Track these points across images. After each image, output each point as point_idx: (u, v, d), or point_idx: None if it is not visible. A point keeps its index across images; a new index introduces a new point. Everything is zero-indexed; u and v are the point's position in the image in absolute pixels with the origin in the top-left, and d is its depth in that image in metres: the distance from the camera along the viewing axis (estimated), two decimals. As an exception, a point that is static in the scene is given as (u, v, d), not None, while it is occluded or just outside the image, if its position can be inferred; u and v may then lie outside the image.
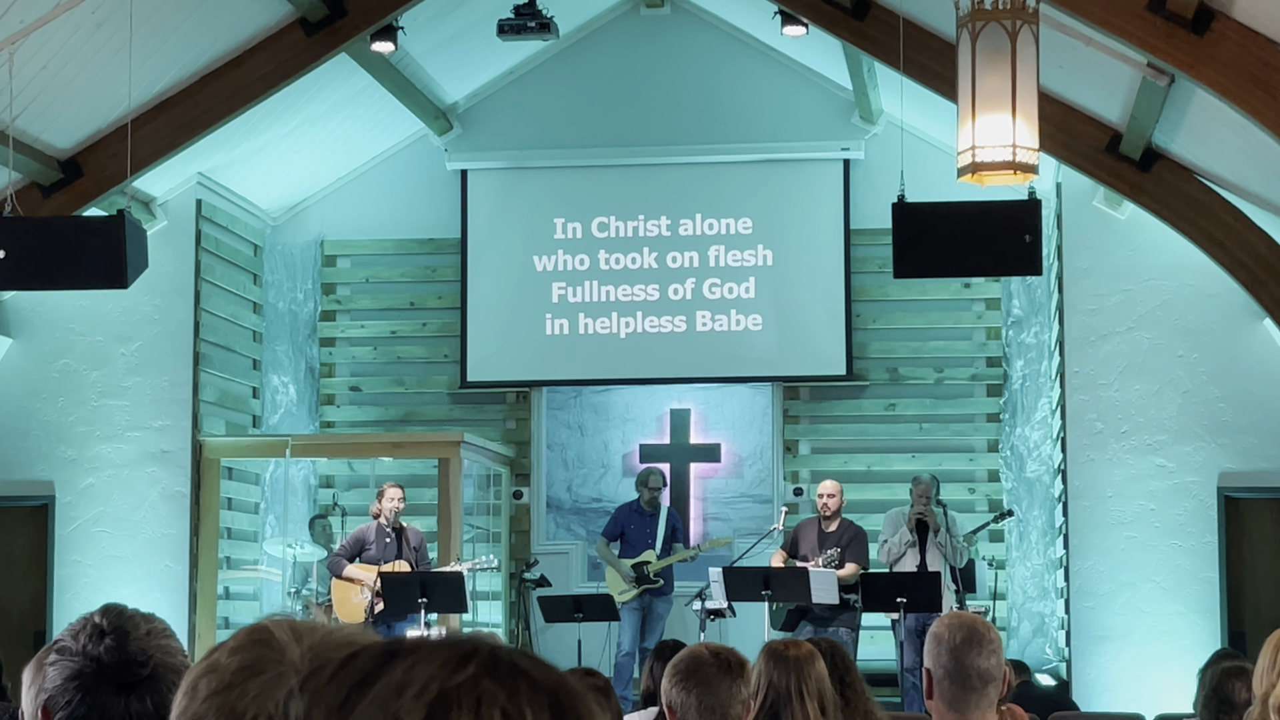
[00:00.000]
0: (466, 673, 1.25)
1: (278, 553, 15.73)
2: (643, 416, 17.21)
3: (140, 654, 2.84)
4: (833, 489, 14.45)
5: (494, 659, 1.27)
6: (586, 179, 16.97)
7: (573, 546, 17.06)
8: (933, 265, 12.11)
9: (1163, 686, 13.84)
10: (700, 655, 4.88)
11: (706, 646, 4.96)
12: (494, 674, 1.25)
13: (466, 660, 1.26)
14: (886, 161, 15.03)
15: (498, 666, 1.26)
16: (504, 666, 1.26)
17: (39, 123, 13.36)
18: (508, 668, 1.26)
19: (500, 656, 1.27)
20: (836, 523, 14.36)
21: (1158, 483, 14.80)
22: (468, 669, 1.25)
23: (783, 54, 16.66)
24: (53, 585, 15.31)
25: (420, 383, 17.36)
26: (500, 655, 1.28)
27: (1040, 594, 16.25)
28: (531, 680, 1.26)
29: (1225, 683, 7.05)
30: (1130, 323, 14.93)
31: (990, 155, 10.00)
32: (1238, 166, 13.30)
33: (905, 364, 16.76)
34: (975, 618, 4.62)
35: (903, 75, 13.05)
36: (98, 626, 2.86)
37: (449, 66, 16.34)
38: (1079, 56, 12.50)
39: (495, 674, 1.25)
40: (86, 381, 15.48)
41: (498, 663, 1.26)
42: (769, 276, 16.68)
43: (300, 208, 17.33)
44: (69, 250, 12.09)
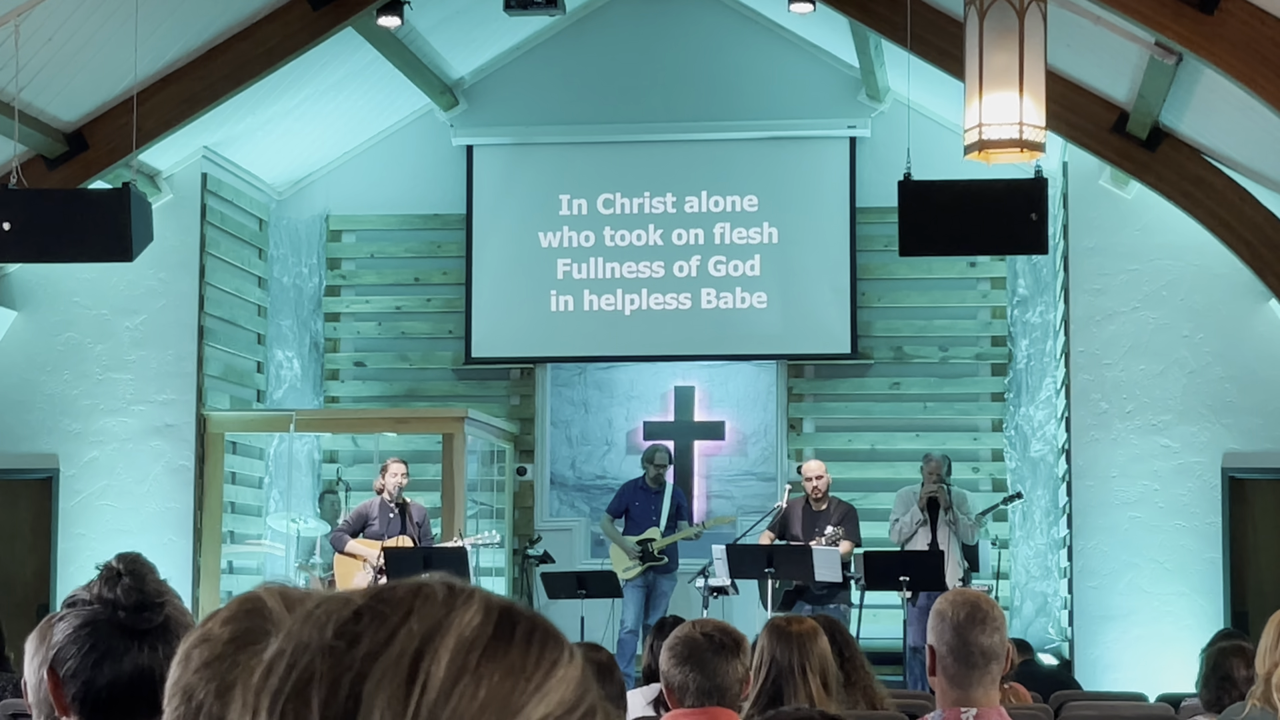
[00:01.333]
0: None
1: (281, 527, 15.74)
2: (647, 394, 17.21)
3: (156, 595, 2.82)
4: (819, 469, 14.43)
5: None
6: (592, 155, 16.95)
7: (576, 523, 17.07)
8: (938, 244, 12.10)
9: (1165, 666, 13.85)
10: (692, 636, 4.88)
11: (699, 626, 4.96)
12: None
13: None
14: (893, 139, 15.01)
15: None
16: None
17: (44, 95, 13.35)
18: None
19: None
20: (826, 501, 14.34)
21: (1162, 463, 14.80)
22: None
23: (790, 31, 16.63)
24: (56, 558, 15.33)
25: (425, 358, 17.36)
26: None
27: (1043, 573, 16.25)
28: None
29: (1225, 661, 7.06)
30: (1136, 302, 14.91)
31: (997, 133, 9.99)
32: (1245, 146, 13.28)
33: (910, 342, 16.74)
34: (979, 594, 4.62)
35: (910, 53, 13.02)
36: (114, 569, 2.83)
37: (455, 42, 16.32)
38: (1086, 35, 12.48)
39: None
40: (91, 355, 15.48)
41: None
42: (774, 254, 16.66)
43: (305, 182, 17.32)
44: (74, 223, 12.08)
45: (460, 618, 1.18)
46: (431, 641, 1.16)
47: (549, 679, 1.17)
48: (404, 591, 1.21)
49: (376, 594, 1.22)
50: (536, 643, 1.18)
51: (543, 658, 1.18)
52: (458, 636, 1.17)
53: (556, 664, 1.18)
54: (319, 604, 1.22)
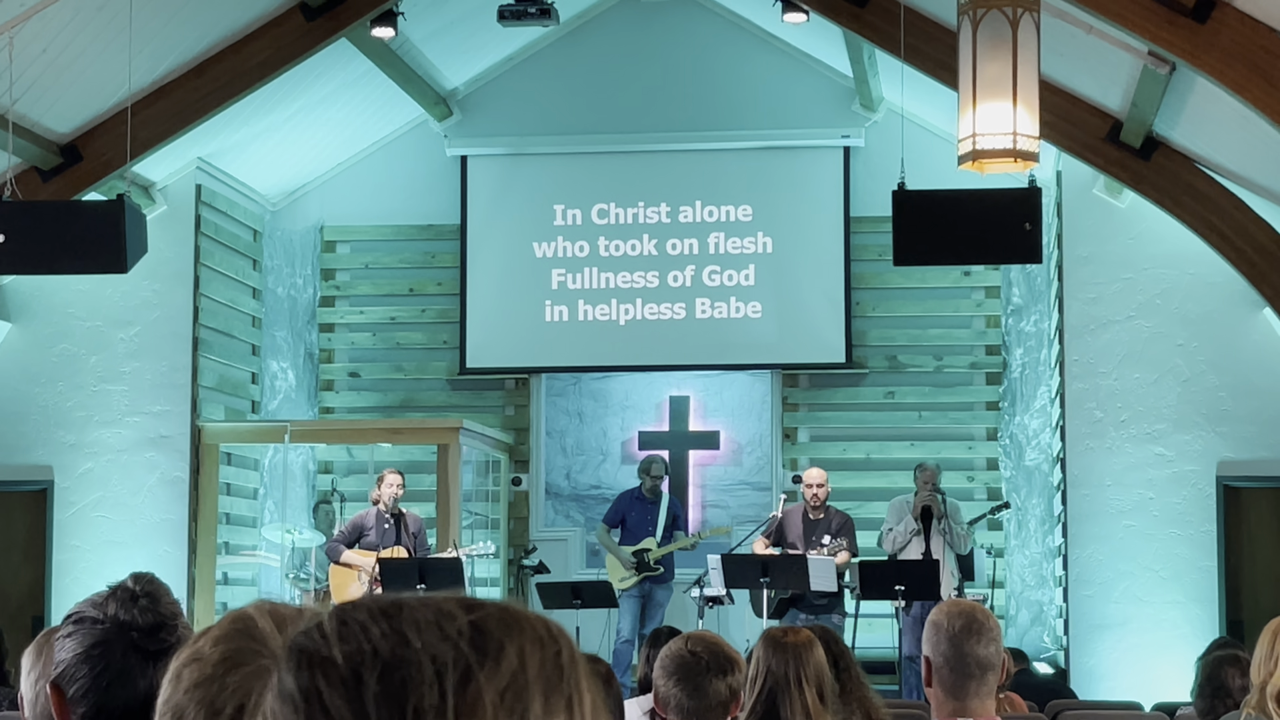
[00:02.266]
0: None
1: (276, 538, 15.72)
2: (642, 403, 17.21)
3: (171, 617, 2.80)
4: (820, 478, 14.42)
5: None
6: (586, 165, 16.96)
7: (571, 533, 17.06)
8: (933, 253, 12.11)
9: (1161, 675, 13.85)
10: (682, 653, 4.89)
11: (690, 643, 4.96)
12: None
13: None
14: (887, 149, 15.01)
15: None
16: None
17: (39, 107, 13.35)
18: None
19: None
20: (824, 511, 14.34)
21: (1156, 471, 14.80)
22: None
23: (783, 41, 16.64)
24: (51, 570, 15.31)
25: (419, 369, 17.36)
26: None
27: (1039, 582, 16.25)
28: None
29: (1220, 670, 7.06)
30: (1130, 311, 14.92)
31: (991, 142, 10.00)
32: (1238, 155, 13.29)
33: (905, 352, 16.75)
34: (974, 605, 4.62)
35: (903, 62, 13.04)
36: (129, 590, 2.81)
37: (449, 52, 16.33)
38: (1080, 44, 12.49)
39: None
40: (85, 366, 15.47)
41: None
42: (769, 264, 16.67)
43: (300, 193, 17.32)
44: (68, 235, 12.08)
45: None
46: None
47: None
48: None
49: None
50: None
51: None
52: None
53: None
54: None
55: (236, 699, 1.99)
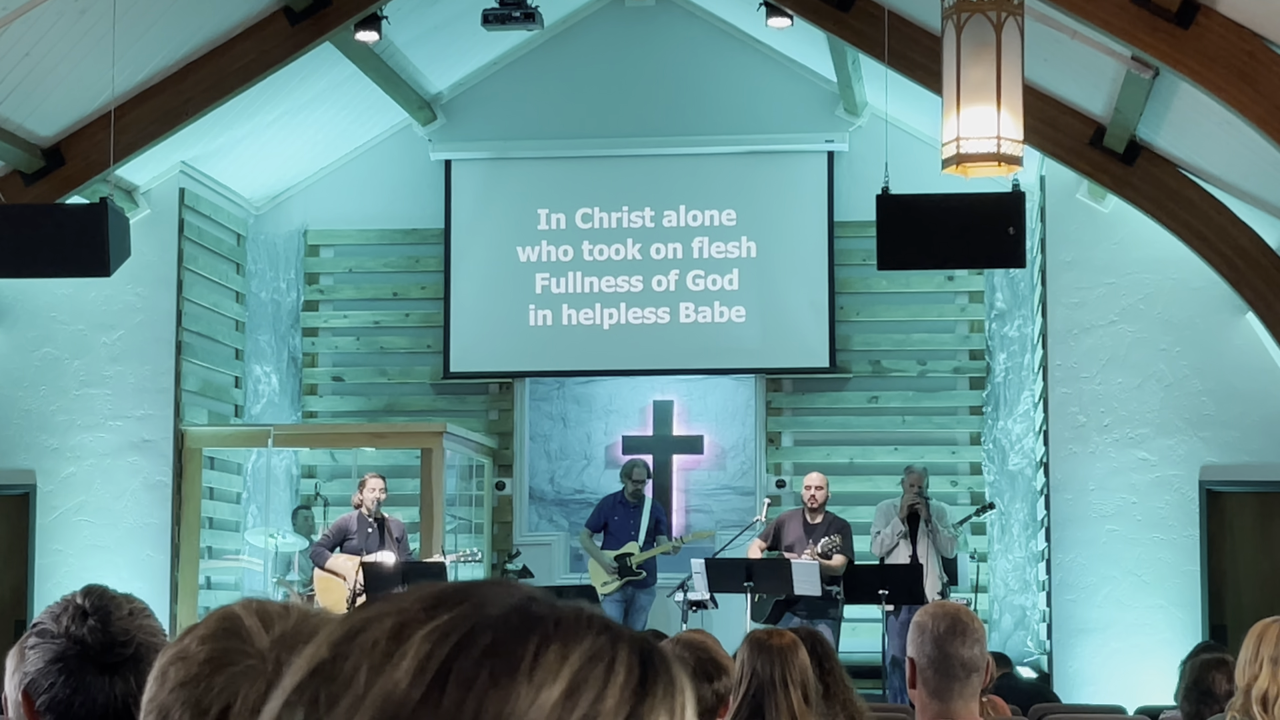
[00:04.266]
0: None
1: (260, 542, 15.70)
2: (626, 408, 17.20)
3: (123, 634, 2.82)
4: (820, 481, 14.44)
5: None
6: (570, 170, 16.95)
7: (555, 538, 17.05)
8: (916, 258, 12.12)
9: (1144, 679, 13.86)
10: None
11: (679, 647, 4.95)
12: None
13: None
14: (871, 154, 15.02)
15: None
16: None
17: (21, 110, 13.32)
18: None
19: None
20: (822, 515, 14.36)
21: (1139, 476, 14.82)
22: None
23: (767, 46, 16.65)
24: (33, 574, 15.28)
25: (403, 373, 17.35)
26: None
27: (1022, 587, 16.27)
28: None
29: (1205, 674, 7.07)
30: (1113, 316, 14.94)
31: (975, 147, 10.01)
32: (1222, 160, 13.32)
33: (888, 356, 16.76)
34: (959, 607, 4.62)
35: (887, 67, 13.05)
36: (80, 607, 2.84)
37: (433, 56, 16.32)
38: (1063, 49, 12.51)
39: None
40: (68, 370, 15.44)
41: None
42: (753, 268, 16.68)
43: (283, 197, 17.30)
44: (51, 238, 12.06)
45: (383, 686, 1.08)
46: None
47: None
48: (360, 643, 1.11)
49: (341, 640, 1.12)
50: (474, 697, 1.06)
51: (480, 715, 1.06)
52: (376, 711, 1.07)
53: (503, 716, 1.06)
54: (310, 642, 1.15)
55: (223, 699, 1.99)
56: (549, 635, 1.09)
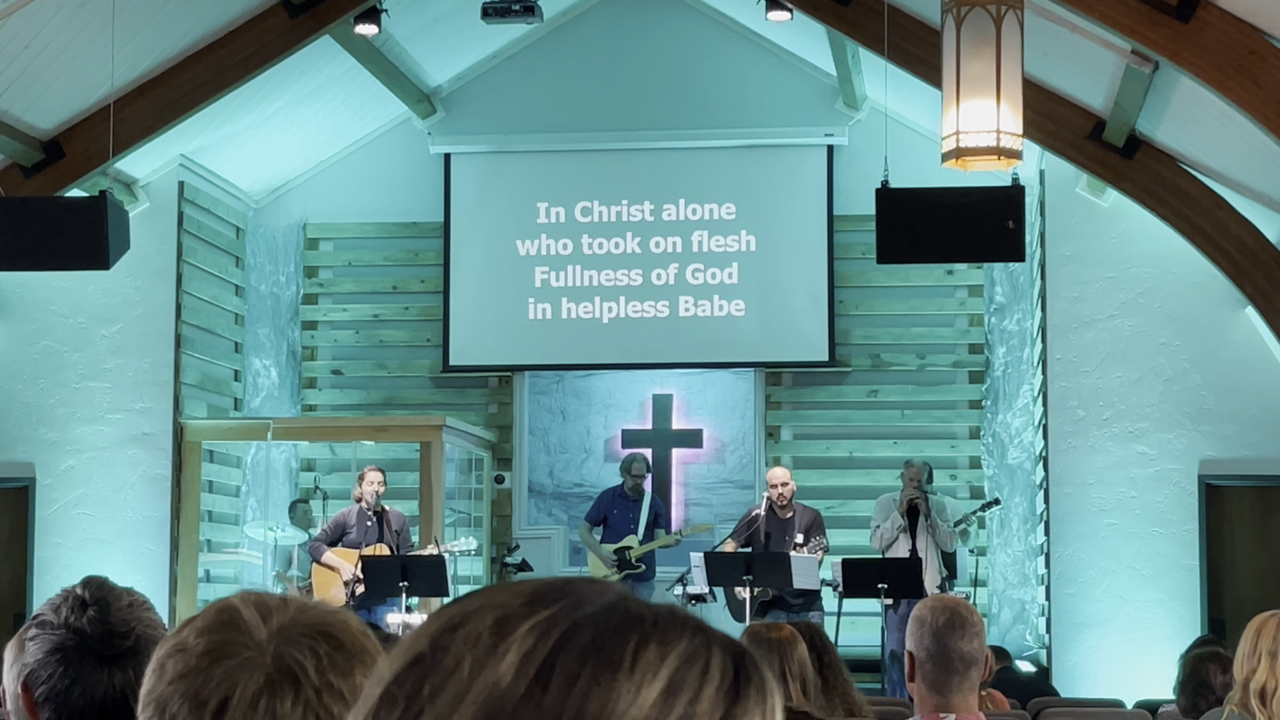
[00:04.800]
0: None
1: (259, 536, 15.71)
2: (625, 401, 17.20)
3: (122, 625, 2.82)
4: (785, 477, 14.40)
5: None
6: (570, 163, 16.95)
7: (554, 531, 17.05)
8: (916, 251, 12.12)
9: (1143, 673, 13.87)
10: None
11: None
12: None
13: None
14: (870, 147, 15.01)
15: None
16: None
17: (21, 103, 13.32)
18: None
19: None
20: (792, 509, 14.33)
21: (1139, 470, 14.82)
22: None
23: (767, 39, 16.65)
24: (33, 567, 15.28)
25: (402, 366, 17.34)
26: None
27: (1021, 581, 16.27)
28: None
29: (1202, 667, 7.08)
30: (1112, 310, 14.94)
31: (974, 140, 10.01)
32: (1221, 154, 13.31)
33: (888, 350, 16.76)
34: (958, 600, 4.63)
35: (887, 61, 13.05)
36: (79, 598, 2.84)
37: (433, 50, 16.31)
38: (1063, 43, 12.50)
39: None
40: (68, 363, 15.44)
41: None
42: (752, 262, 16.67)
43: (283, 190, 17.29)
44: (50, 231, 12.06)
45: (488, 680, 1.07)
46: (454, 713, 1.07)
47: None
48: (461, 636, 1.10)
49: (441, 634, 1.12)
50: (578, 693, 1.06)
51: (583, 711, 1.05)
52: (478, 707, 1.07)
53: (605, 714, 1.05)
54: (404, 637, 1.14)
55: (221, 691, 1.99)
56: (647, 634, 1.10)
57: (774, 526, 14.22)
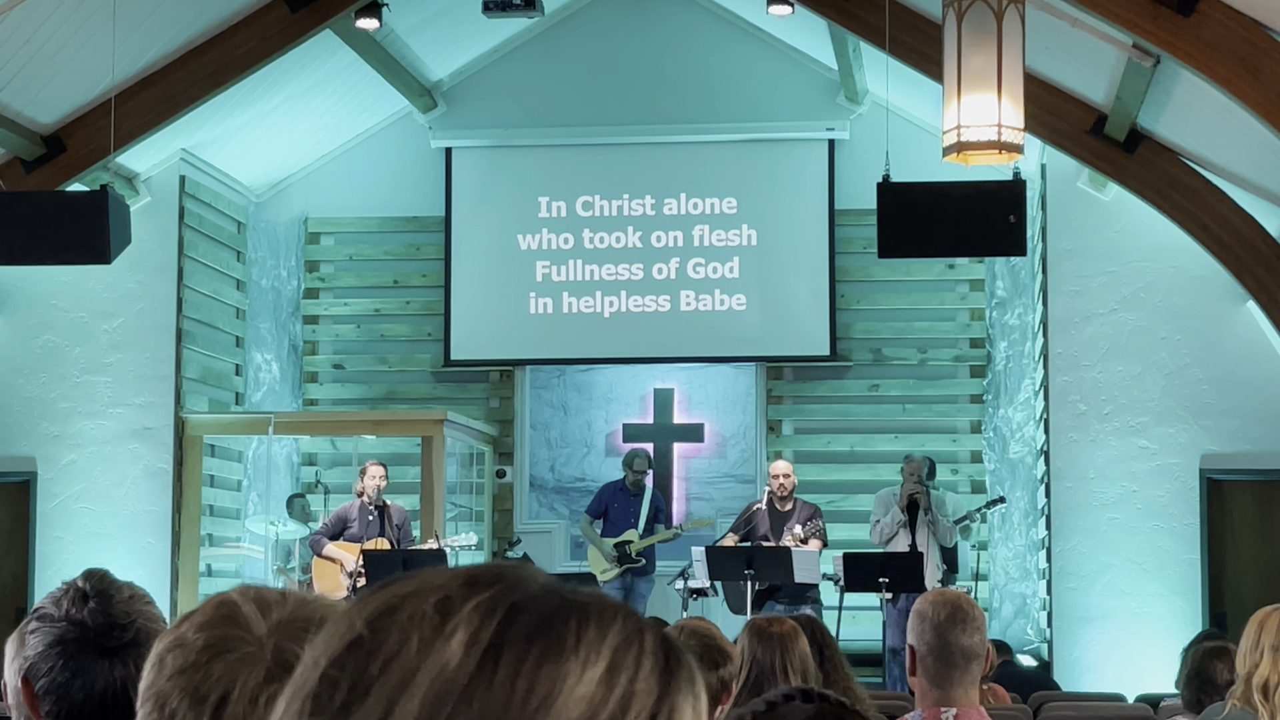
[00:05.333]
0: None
1: (260, 530, 15.71)
2: (626, 396, 17.20)
3: (123, 616, 2.82)
4: (787, 469, 14.43)
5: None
6: (571, 158, 16.94)
7: (555, 525, 17.05)
8: (917, 245, 12.12)
9: (1144, 667, 13.87)
10: None
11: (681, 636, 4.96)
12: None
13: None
14: (872, 142, 15.02)
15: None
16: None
17: (22, 97, 13.32)
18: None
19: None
20: (791, 502, 14.34)
21: (1140, 464, 14.82)
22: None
23: (768, 33, 16.64)
24: (34, 561, 15.28)
25: (403, 361, 17.34)
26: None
27: (1022, 575, 16.27)
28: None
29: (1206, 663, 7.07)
30: (1114, 304, 14.94)
31: (975, 134, 10.01)
32: (1222, 149, 13.31)
33: (889, 345, 16.76)
34: (959, 595, 4.63)
35: (888, 55, 13.04)
36: (80, 590, 2.84)
37: (434, 44, 16.30)
38: (1064, 37, 12.50)
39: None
40: (69, 357, 15.44)
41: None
42: (753, 256, 16.67)
43: (284, 185, 17.29)
44: (52, 225, 12.05)
45: (437, 660, 1.07)
46: (401, 696, 1.07)
47: (542, 715, 1.06)
48: (400, 619, 1.10)
49: (377, 617, 1.12)
50: (527, 672, 1.07)
51: (533, 691, 1.06)
52: (428, 687, 1.06)
53: (553, 693, 1.06)
54: (333, 621, 1.14)
55: (221, 686, 1.99)
56: (586, 617, 1.11)
57: (774, 520, 14.24)
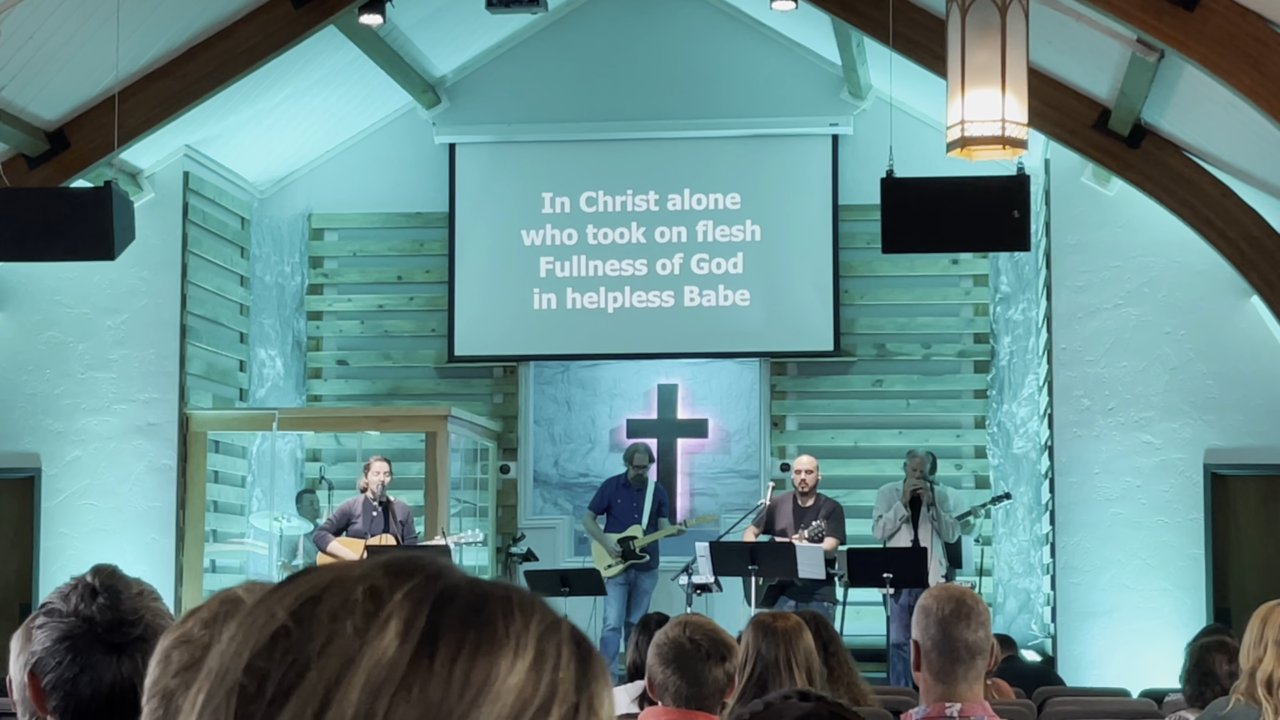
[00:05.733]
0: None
1: (264, 526, 15.72)
2: (630, 391, 17.20)
3: (132, 613, 2.82)
4: (810, 464, 14.45)
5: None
6: (575, 153, 16.94)
7: (559, 521, 17.06)
8: (921, 241, 12.11)
9: (1148, 662, 13.87)
10: (680, 639, 4.90)
11: (687, 629, 4.96)
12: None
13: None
14: (875, 137, 15.02)
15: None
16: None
17: (25, 93, 13.32)
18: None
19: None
20: (813, 498, 14.36)
21: (1144, 459, 14.82)
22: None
23: (772, 29, 16.63)
24: (39, 558, 15.29)
25: (407, 357, 17.35)
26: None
27: (1026, 570, 16.27)
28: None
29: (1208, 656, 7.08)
30: (1118, 299, 14.93)
31: (979, 130, 10.00)
32: (1226, 143, 13.30)
33: (893, 340, 16.76)
34: (964, 589, 4.62)
35: (892, 50, 13.03)
36: (89, 586, 2.84)
37: (437, 40, 16.30)
38: (1068, 32, 12.49)
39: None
40: (73, 354, 15.45)
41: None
42: (757, 252, 16.67)
43: (288, 181, 17.29)
44: (55, 222, 12.05)
45: (374, 647, 1.06)
46: (339, 684, 1.06)
47: (478, 704, 1.06)
48: (326, 608, 1.09)
49: (299, 607, 1.10)
50: (463, 661, 1.07)
51: (469, 680, 1.06)
52: (367, 675, 1.06)
53: (488, 682, 1.07)
54: (248, 614, 1.12)
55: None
56: (510, 606, 1.11)
57: (795, 515, 14.26)
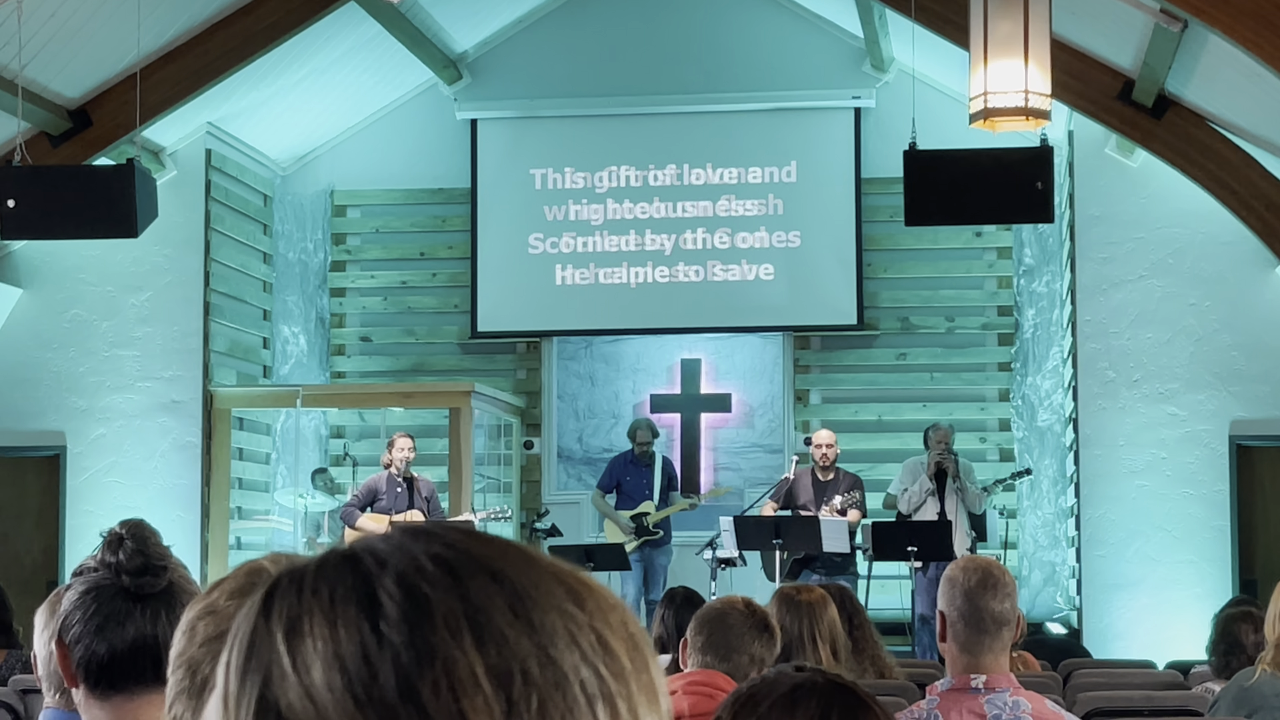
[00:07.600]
0: None
1: (289, 503, 15.76)
2: (653, 366, 17.19)
3: (158, 559, 2.83)
4: (830, 438, 14.43)
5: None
6: (597, 128, 16.91)
7: (583, 496, 17.06)
8: (944, 213, 12.09)
9: (1174, 635, 13.86)
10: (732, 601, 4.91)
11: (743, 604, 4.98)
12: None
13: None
14: (898, 109, 14.97)
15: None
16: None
17: (48, 72, 13.33)
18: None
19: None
20: (833, 472, 14.34)
21: (1169, 431, 14.78)
22: None
23: (793, 1, 16.59)
24: (64, 535, 15.35)
25: (431, 333, 17.36)
26: None
27: (1051, 543, 16.25)
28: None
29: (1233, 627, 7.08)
30: (1142, 270, 14.89)
31: (1002, 101, 9.97)
32: (1251, 113, 13.24)
33: (916, 313, 16.73)
34: (990, 561, 4.62)
35: (914, 22, 12.99)
36: (117, 535, 2.85)
37: (458, 15, 16.28)
38: (1091, 2, 12.44)
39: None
40: (97, 332, 15.48)
41: None
42: (780, 225, 16.64)
43: (310, 157, 17.30)
44: (78, 200, 12.07)
45: (352, 631, 1.01)
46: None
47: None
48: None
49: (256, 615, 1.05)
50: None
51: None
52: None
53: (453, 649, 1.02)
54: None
55: None
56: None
57: (815, 489, 14.25)
